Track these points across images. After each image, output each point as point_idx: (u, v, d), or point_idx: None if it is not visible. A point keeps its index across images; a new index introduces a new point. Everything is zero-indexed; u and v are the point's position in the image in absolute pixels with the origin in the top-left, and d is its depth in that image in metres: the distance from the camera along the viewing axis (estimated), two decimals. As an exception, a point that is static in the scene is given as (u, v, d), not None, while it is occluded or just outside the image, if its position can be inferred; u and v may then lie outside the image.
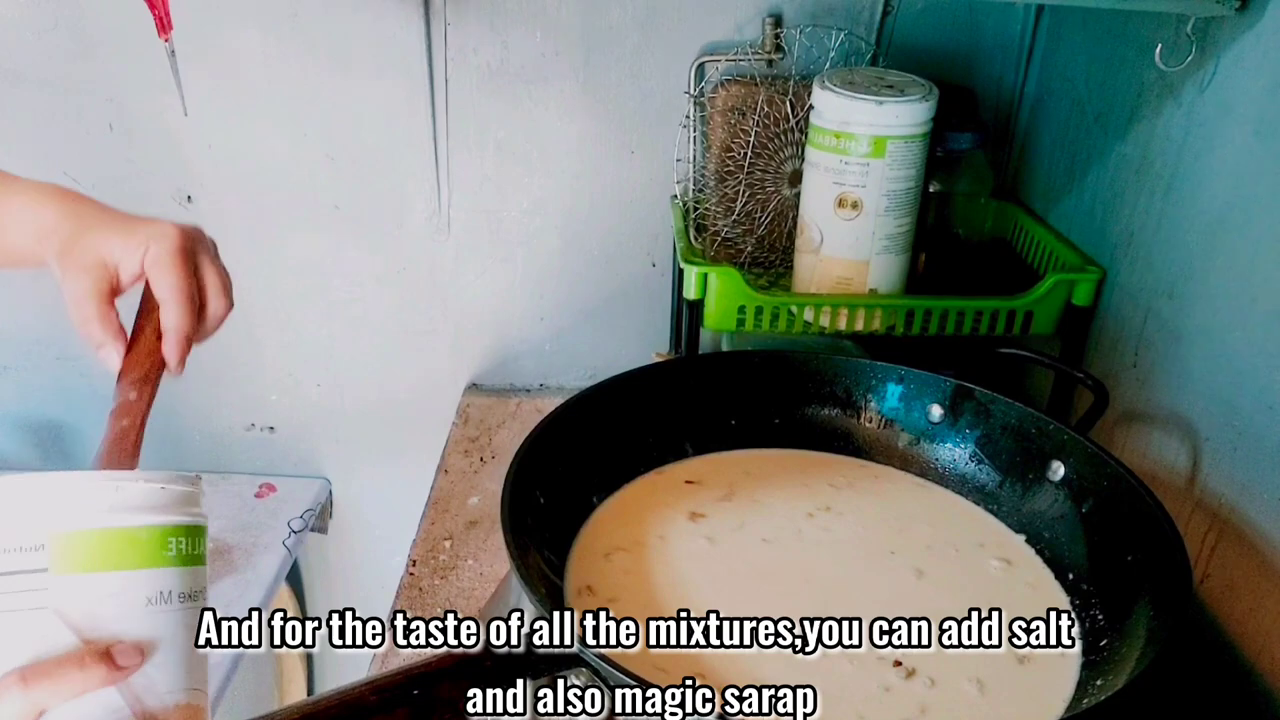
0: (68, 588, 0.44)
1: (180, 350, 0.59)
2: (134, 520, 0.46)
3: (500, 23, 1.09)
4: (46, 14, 1.07)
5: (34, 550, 0.44)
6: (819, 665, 0.59)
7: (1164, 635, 0.54)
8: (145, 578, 0.46)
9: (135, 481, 0.46)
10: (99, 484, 0.45)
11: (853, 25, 1.08)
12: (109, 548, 0.45)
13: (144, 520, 0.46)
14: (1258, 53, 0.71)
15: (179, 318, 0.58)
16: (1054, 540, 0.70)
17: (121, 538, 0.45)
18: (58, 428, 1.32)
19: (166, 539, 0.47)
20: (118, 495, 0.45)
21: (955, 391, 0.77)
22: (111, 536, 0.45)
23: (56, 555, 0.44)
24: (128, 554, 0.45)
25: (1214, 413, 0.74)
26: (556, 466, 0.69)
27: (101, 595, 0.44)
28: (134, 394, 0.57)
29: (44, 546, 0.44)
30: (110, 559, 0.45)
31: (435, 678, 0.47)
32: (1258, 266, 0.70)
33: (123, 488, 0.46)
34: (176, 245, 0.58)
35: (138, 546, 0.45)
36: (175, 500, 0.48)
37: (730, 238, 1.09)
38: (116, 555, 0.45)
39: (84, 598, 0.44)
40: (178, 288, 0.58)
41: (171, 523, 0.47)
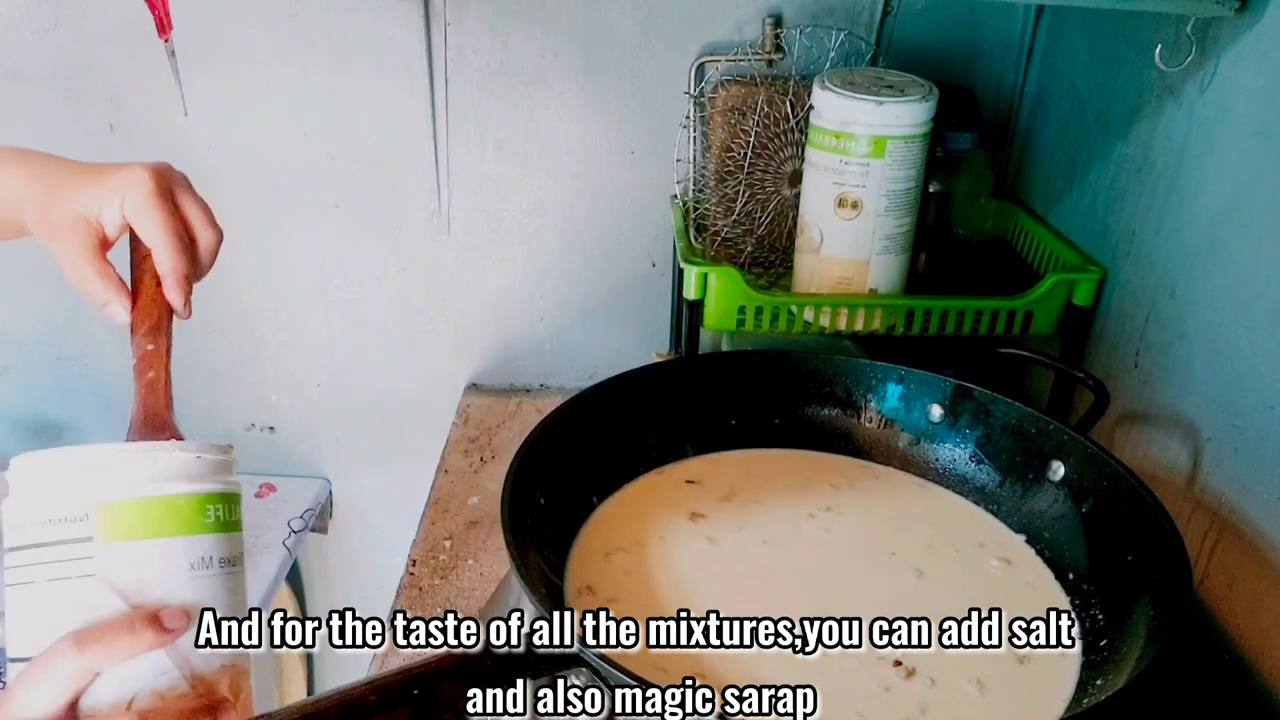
0: (113, 555, 0.45)
1: (183, 292, 0.58)
2: (173, 489, 0.47)
3: (500, 23, 1.09)
4: (46, 14, 1.07)
5: (79, 520, 0.45)
6: (819, 665, 0.59)
7: (1164, 635, 0.54)
8: (186, 544, 0.47)
9: (172, 452, 0.48)
10: (138, 455, 0.47)
11: (853, 25, 1.08)
12: (150, 516, 0.46)
13: (183, 489, 0.48)
14: (1258, 53, 0.71)
15: (173, 259, 0.57)
16: (1054, 540, 0.70)
17: (162, 506, 0.47)
18: (58, 428, 1.32)
19: (205, 506, 0.48)
20: (156, 465, 0.47)
21: (955, 391, 0.77)
22: (152, 505, 0.47)
23: (101, 524, 0.45)
24: (168, 522, 0.47)
25: (1215, 412, 0.74)
26: (556, 466, 0.69)
27: (145, 562, 0.46)
28: (151, 345, 0.57)
29: (88, 516, 0.45)
30: (152, 527, 0.46)
31: (435, 678, 0.47)
32: (1259, 266, 0.70)
33: (160, 458, 0.47)
34: (151, 188, 0.57)
35: (178, 514, 0.47)
36: (211, 469, 0.49)
37: (730, 238, 1.09)
38: (158, 523, 0.47)
39: (129, 565, 0.46)
40: (164, 229, 0.57)
41: (208, 490, 0.49)
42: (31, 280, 1.22)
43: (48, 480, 0.47)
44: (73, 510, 0.45)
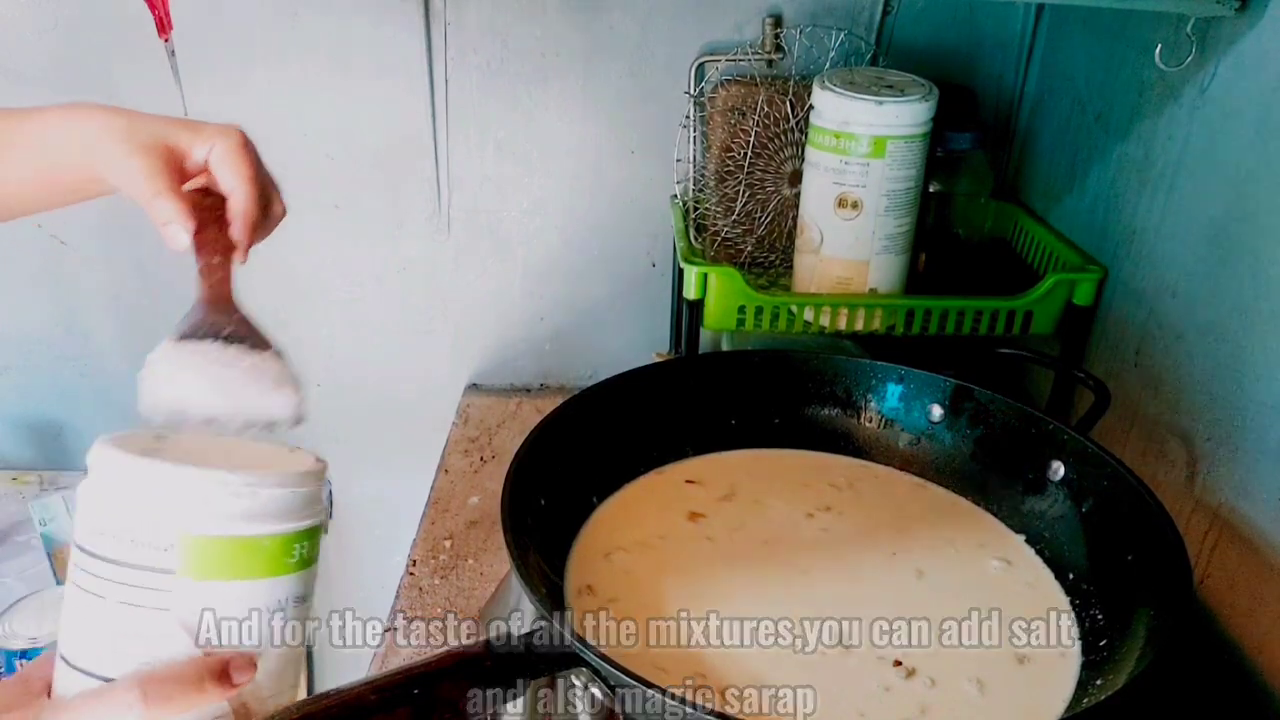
0: (191, 592, 0.43)
1: (249, 234, 0.59)
2: (264, 529, 0.44)
3: (500, 23, 1.09)
4: (46, 14, 1.07)
5: (163, 550, 0.43)
6: (819, 665, 0.59)
7: (1164, 635, 0.54)
8: (266, 587, 0.45)
9: (270, 487, 0.44)
10: (235, 487, 0.44)
11: (853, 25, 1.08)
12: (237, 557, 0.44)
13: (273, 529, 0.45)
14: (1258, 53, 0.71)
15: (248, 202, 0.58)
16: (1054, 540, 0.70)
17: (250, 547, 0.44)
18: (58, 428, 1.32)
19: (291, 546, 0.46)
20: (253, 501, 0.44)
21: (955, 391, 0.77)
22: (241, 546, 0.44)
23: (184, 558, 0.43)
24: (254, 564, 0.44)
25: (1215, 412, 0.74)
26: (556, 466, 0.69)
27: (223, 603, 0.44)
28: (216, 259, 0.58)
29: (173, 547, 0.43)
30: (237, 568, 0.44)
31: (435, 678, 0.47)
32: (1260, 265, 0.70)
33: (259, 494, 0.44)
34: (243, 141, 0.59)
35: (264, 555, 0.44)
36: (303, 502, 0.46)
37: (730, 238, 1.09)
38: (243, 565, 0.44)
39: (205, 605, 0.43)
40: (248, 176, 0.58)
41: (297, 529, 0.46)
42: (31, 280, 1.22)
43: (137, 494, 0.43)
44: (159, 537, 0.43)
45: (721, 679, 0.58)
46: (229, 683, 0.43)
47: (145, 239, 0.63)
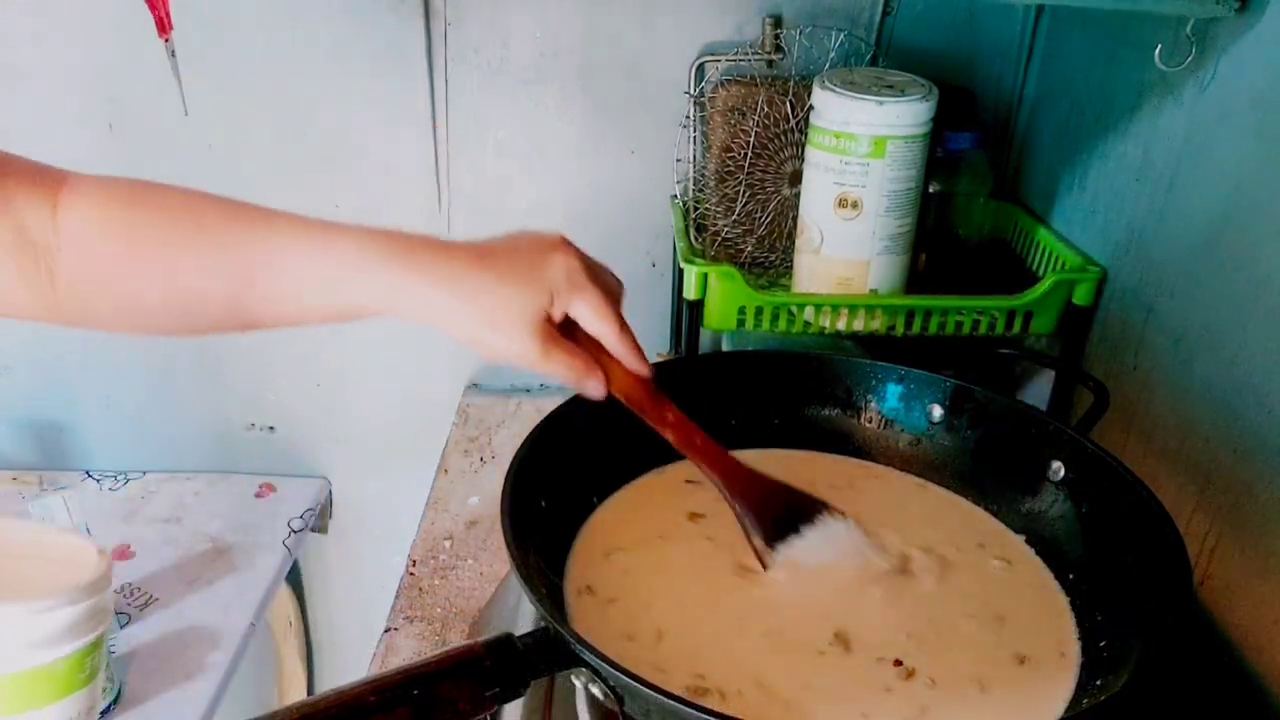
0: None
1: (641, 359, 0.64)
2: (55, 653, 0.41)
3: (500, 23, 1.09)
4: (46, 14, 1.07)
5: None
6: (819, 665, 0.59)
7: (1164, 635, 0.54)
8: (57, 710, 0.42)
9: (55, 609, 0.41)
10: (21, 619, 0.40)
11: (853, 25, 1.08)
12: (34, 686, 0.41)
13: (65, 650, 0.42)
14: (1258, 53, 0.71)
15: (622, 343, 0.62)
16: (1054, 540, 0.70)
17: (47, 674, 0.41)
18: (58, 428, 1.32)
19: (84, 661, 0.43)
20: (41, 629, 0.41)
21: (955, 391, 0.77)
22: (38, 676, 0.41)
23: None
24: (51, 689, 0.42)
25: (1215, 413, 0.74)
26: (556, 467, 0.69)
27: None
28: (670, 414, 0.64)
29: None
30: (35, 698, 0.41)
31: (435, 678, 0.47)
32: (1259, 266, 0.70)
33: (45, 620, 0.41)
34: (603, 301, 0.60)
35: (56, 680, 0.42)
36: (94, 612, 0.43)
37: (730, 238, 1.09)
38: (42, 692, 0.42)
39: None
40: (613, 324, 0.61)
41: (89, 642, 0.43)
42: (31, 280, 1.22)
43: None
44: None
45: (721, 679, 0.58)
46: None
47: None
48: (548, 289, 0.58)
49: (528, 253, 0.59)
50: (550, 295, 0.58)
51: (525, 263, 0.58)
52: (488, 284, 0.57)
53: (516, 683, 0.49)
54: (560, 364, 0.58)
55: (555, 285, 0.58)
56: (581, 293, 0.59)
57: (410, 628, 0.89)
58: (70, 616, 0.41)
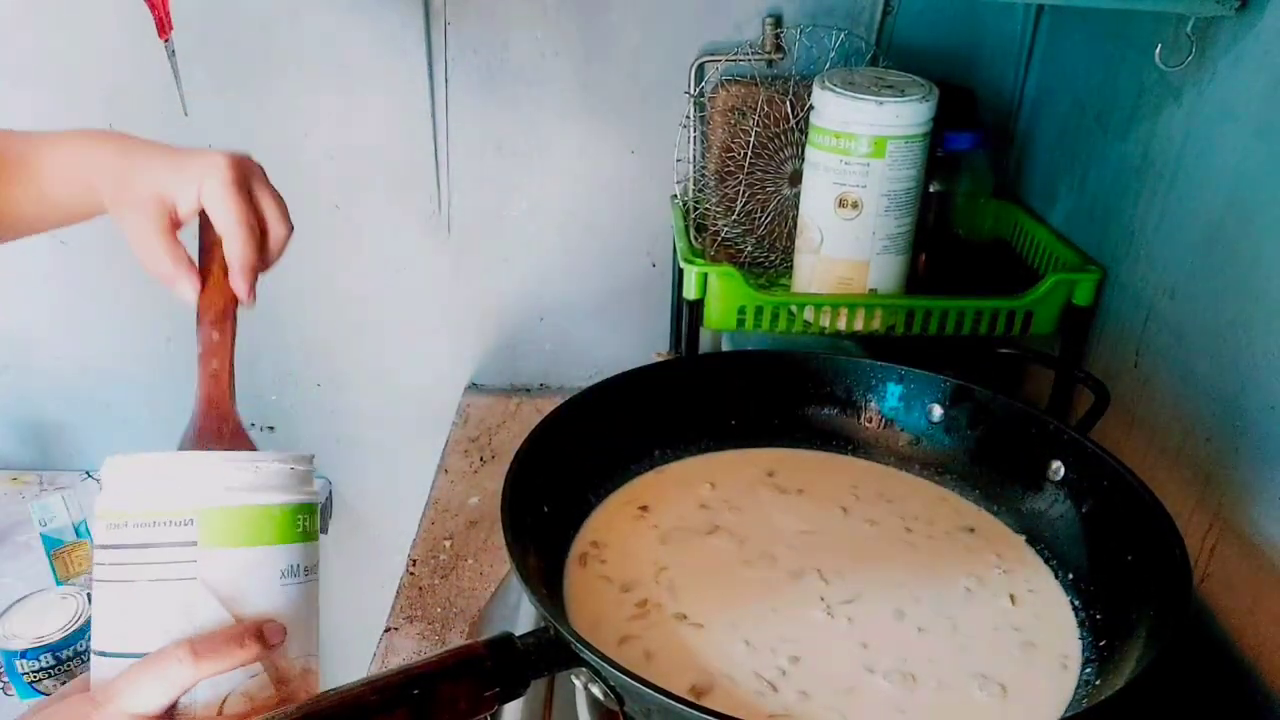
0: (213, 560, 0.48)
1: (249, 282, 0.60)
2: (271, 499, 0.49)
3: (500, 23, 1.09)
4: (46, 14, 1.07)
5: (183, 524, 0.47)
6: (820, 665, 0.59)
7: (1164, 635, 0.54)
8: (279, 553, 0.50)
9: (271, 462, 0.50)
10: (241, 464, 0.49)
11: (853, 25, 1.08)
12: (250, 524, 0.49)
13: (280, 499, 0.50)
14: (1258, 53, 0.71)
15: (243, 249, 0.59)
16: (1054, 540, 0.70)
17: (261, 515, 0.49)
18: (58, 428, 1.32)
19: (296, 516, 0.51)
20: (257, 475, 0.49)
21: (955, 391, 0.77)
22: (252, 514, 0.49)
23: (204, 529, 0.47)
24: (266, 530, 0.49)
25: (1215, 412, 0.74)
26: (557, 466, 0.69)
27: (243, 568, 0.48)
28: (216, 334, 0.59)
29: (192, 521, 0.47)
30: (251, 534, 0.49)
31: (435, 678, 0.47)
32: (1259, 265, 0.70)
33: (261, 468, 0.49)
34: (229, 177, 0.59)
35: (274, 523, 0.49)
36: (300, 480, 0.51)
37: (730, 238, 1.09)
38: (256, 531, 0.49)
39: (227, 570, 0.48)
40: (237, 219, 0.59)
41: (299, 501, 0.51)
42: (31, 280, 1.22)
43: (152, 483, 0.48)
44: (178, 514, 0.47)
45: (721, 678, 0.58)
46: (265, 643, 0.47)
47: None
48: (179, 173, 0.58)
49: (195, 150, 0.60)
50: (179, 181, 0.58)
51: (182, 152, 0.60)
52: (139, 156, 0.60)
53: (516, 682, 0.49)
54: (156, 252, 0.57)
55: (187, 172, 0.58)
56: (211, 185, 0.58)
57: (410, 628, 0.89)
58: (280, 472, 0.50)
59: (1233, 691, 0.69)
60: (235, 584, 0.48)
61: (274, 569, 0.49)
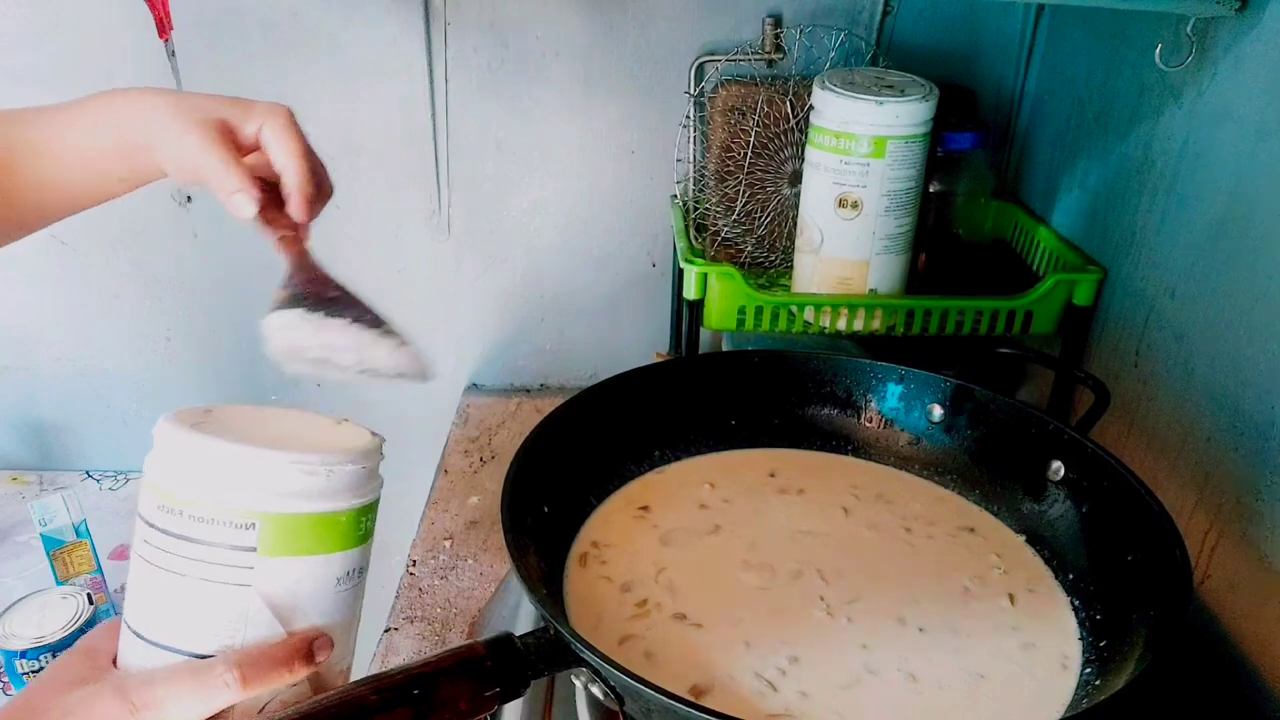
0: (271, 569, 0.45)
1: (306, 209, 0.62)
2: (339, 505, 0.46)
3: (500, 23, 1.09)
4: (46, 14, 1.07)
5: (244, 528, 0.44)
6: (819, 664, 0.59)
7: (1164, 635, 0.54)
8: (339, 560, 0.47)
9: (344, 464, 0.46)
10: (312, 467, 0.45)
11: (853, 25, 1.08)
12: (314, 533, 0.46)
13: (346, 505, 0.47)
14: (1258, 53, 0.71)
15: (302, 177, 0.60)
16: (1054, 540, 0.70)
17: (327, 523, 0.46)
18: (58, 428, 1.32)
19: (360, 520, 0.48)
20: (328, 480, 0.46)
21: (955, 391, 0.77)
22: (317, 522, 0.46)
23: (265, 537, 0.44)
24: (329, 538, 0.46)
25: (1215, 412, 0.74)
26: (556, 467, 0.69)
27: (300, 578, 0.46)
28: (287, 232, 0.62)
29: (254, 526, 0.44)
30: (314, 544, 0.46)
31: (435, 678, 0.47)
32: (1260, 265, 0.70)
33: (334, 472, 0.46)
34: (291, 118, 0.60)
35: (339, 530, 0.46)
36: (370, 477, 0.48)
37: (730, 238, 1.09)
38: (320, 540, 0.46)
39: (284, 579, 0.45)
40: (301, 152, 0.60)
41: (366, 503, 0.48)
42: (31, 280, 1.22)
43: (218, 476, 0.45)
44: (240, 516, 0.44)
45: (722, 678, 0.58)
46: (312, 660, 0.46)
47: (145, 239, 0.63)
48: (244, 106, 0.60)
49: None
50: (244, 112, 0.59)
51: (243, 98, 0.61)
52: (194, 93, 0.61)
53: (517, 683, 0.49)
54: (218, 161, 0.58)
55: (254, 107, 0.60)
56: (277, 122, 0.60)
57: (410, 628, 0.89)
58: (352, 474, 0.47)
59: (1233, 692, 0.69)
60: (291, 593, 0.45)
61: (331, 577, 0.47)
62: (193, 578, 0.45)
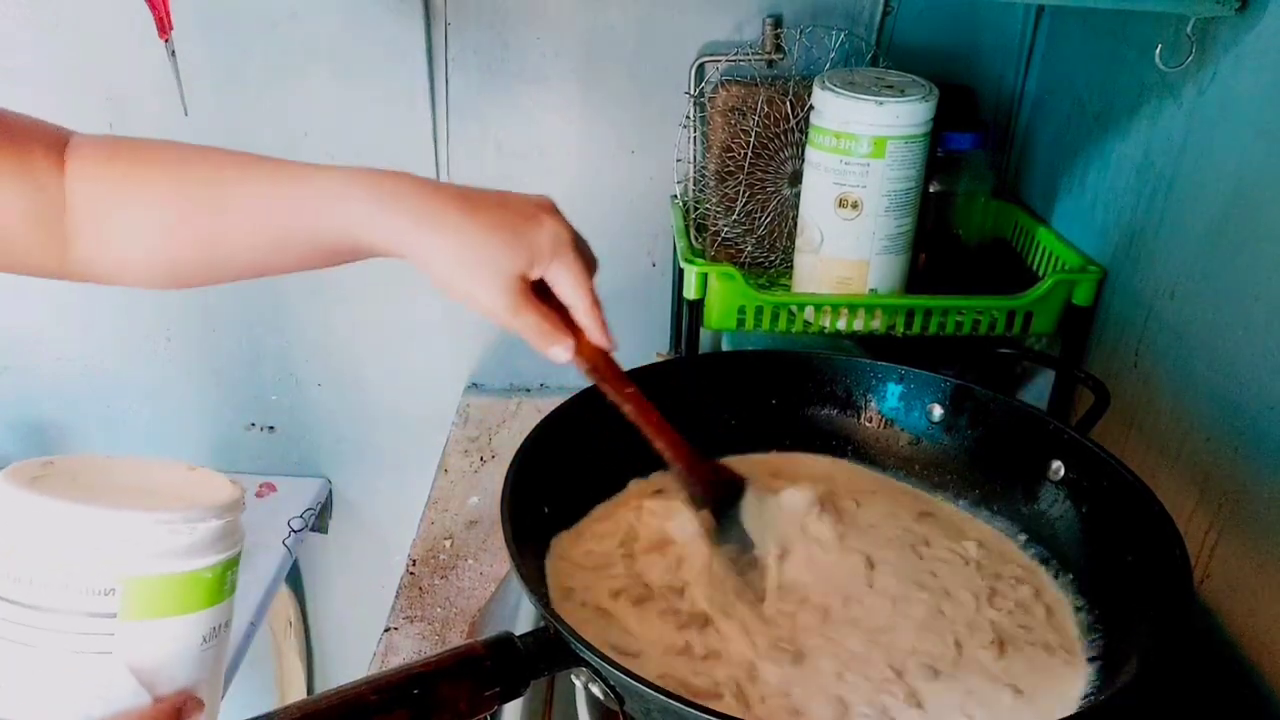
0: (134, 634, 0.42)
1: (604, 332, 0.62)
2: (204, 561, 0.44)
3: (500, 23, 1.09)
4: (46, 14, 1.07)
5: (105, 594, 0.42)
6: (820, 664, 0.59)
7: (1164, 635, 0.54)
8: (204, 617, 0.45)
9: (207, 520, 0.44)
10: (174, 525, 0.43)
11: (853, 25, 1.08)
12: (179, 592, 0.43)
13: (213, 559, 0.44)
14: (1258, 53, 0.71)
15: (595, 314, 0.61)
16: (1054, 540, 0.70)
17: (192, 581, 0.44)
18: (58, 428, 1.32)
19: (226, 574, 0.45)
20: (193, 537, 0.43)
21: (955, 391, 0.77)
22: (183, 581, 0.43)
23: (127, 601, 0.42)
24: (194, 597, 0.44)
25: (1215, 412, 0.74)
26: (557, 467, 0.69)
27: (165, 640, 0.43)
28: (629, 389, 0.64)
29: (115, 591, 0.42)
30: (178, 604, 0.44)
31: (435, 677, 0.47)
32: (1259, 265, 0.70)
33: (197, 529, 0.43)
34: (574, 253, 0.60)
35: (204, 587, 0.44)
36: (233, 530, 0.46)
37: (730, 238, 1.09)
38: (184, 599, 0.44)
39: (148, 643, 0.43)
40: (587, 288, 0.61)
41: (230, 556, 0.46)
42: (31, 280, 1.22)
43: (73, 540, 0.42)
44: (100, 582, 0.41)
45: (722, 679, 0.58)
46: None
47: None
48: (530, 248, 0.58)
49: (517, 209, 0.59)
50: (531, 255, 0.58)
51: (513, 219, 0.58)
52: (472, 231, 0.57)
53: (516, 682, 0.49)
54: (531, 323, 0.59)
55: (539, 247, 0.58)
56: (563, 259, 0.59)
57: (410, 628, 0.89)
58: (216, 529, 0.44)
59: (1233, 691, 0.69)
60: (155, 657, 0.43)
61: (197, 635, 0.44)
62: (47, 649, 0.41)
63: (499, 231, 0.57)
